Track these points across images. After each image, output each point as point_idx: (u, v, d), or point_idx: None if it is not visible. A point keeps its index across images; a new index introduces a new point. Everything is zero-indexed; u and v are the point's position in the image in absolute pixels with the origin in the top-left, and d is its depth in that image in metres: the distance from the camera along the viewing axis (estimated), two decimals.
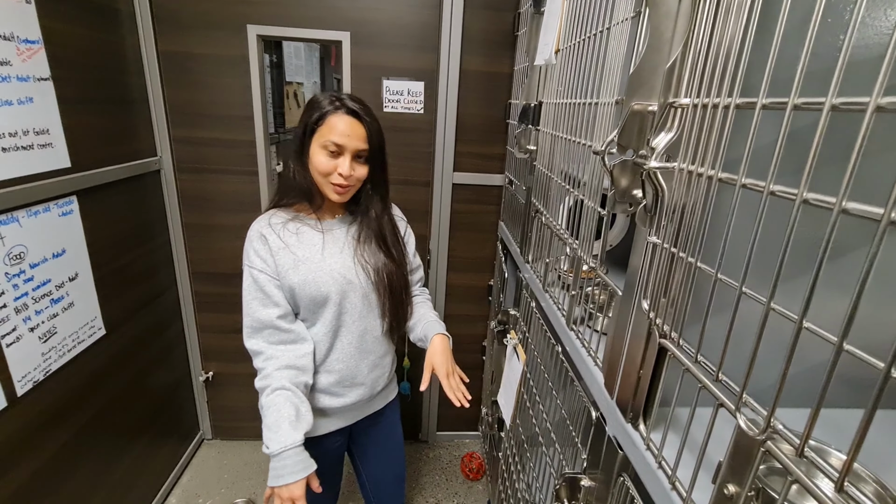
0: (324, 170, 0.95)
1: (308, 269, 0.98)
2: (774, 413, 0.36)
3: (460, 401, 1.05)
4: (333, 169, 0.95)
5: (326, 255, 1.01)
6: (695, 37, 0.47)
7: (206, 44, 1.54)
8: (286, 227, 1.00)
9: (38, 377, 1.15)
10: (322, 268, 0.99)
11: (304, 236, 1.00)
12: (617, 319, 0.69)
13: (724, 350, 0.42)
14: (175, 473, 1.84)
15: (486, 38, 1.58)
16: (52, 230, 1.18)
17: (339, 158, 0.95)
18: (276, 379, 0.96)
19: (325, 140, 0.93)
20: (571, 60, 0.85)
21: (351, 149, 0.94)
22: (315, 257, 0.99)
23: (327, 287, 0.99)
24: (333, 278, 1.00)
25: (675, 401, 0.54)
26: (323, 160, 0.94)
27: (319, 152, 0.94)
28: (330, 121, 0.93)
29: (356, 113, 0.95)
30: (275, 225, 0.99)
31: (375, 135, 0.98)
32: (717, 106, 0.42)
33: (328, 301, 1.00)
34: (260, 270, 0.97)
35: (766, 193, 0.36)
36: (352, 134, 0.93)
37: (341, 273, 1.01)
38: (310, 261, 0.99)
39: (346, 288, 1.02)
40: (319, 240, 1.01)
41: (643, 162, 0.52)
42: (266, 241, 0.97)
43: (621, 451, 0.67)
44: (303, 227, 1.01)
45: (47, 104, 1.15)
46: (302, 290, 0.98)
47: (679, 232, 0.49)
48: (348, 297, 1.03)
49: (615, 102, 0.63)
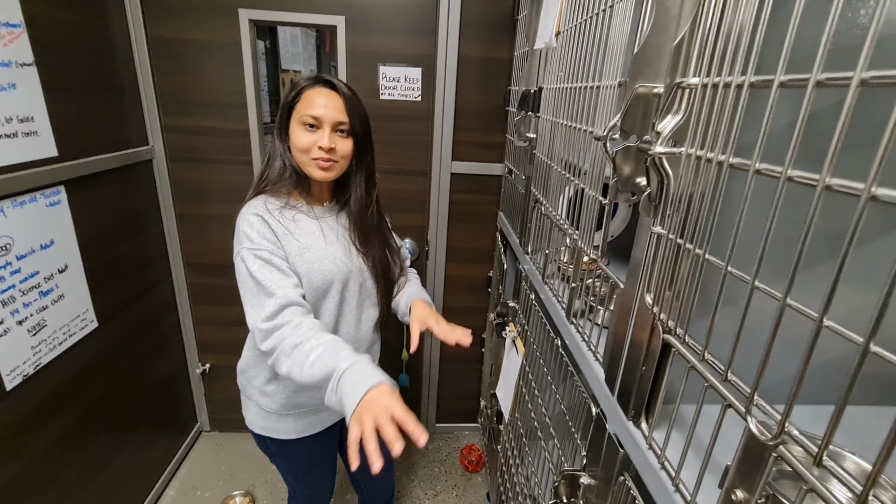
0: (303, 145, 0.91)
1: (314, 256, 0.94)
2: (789, 416, 0.33)
3: (460, 341, 0.99)
4: (313, 144, 0.91)
5: (328, 242, 0.98)
6: (705, 11, 0.44)
7: (198, 29, 1.50)
8: (283, 214, 0.94)
9: (28, 371, 1.13)
10: (326, 255, 0.96)
11: (302, 224, 0.96)
12: (618, 313, 0.67)
13: (735, 348, 0.39)
14: (173, 465, 1.83)
15: (486, 23, 1.54)
16: (39, 221, 1.15)
17: (318, 132, 0.91)
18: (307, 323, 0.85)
19: (302, 115, 0.90)
20: (573, 43, 0.81)
21: (329, 120, 0.90)
22: (318, 244, 0.96)
23: (332, 275, 0.96)
24: (337, 266, 0.97)
25: (679, 399, 0.51)
26: (302, 136, 0.91)
27: (298, 129, 0.91)
28: (306, 95, 0.91)
29: (331, 83, 0.92)
30: (272, 210, 0.93)
31: (355, 108, 0.94)
32: (730, 85, 0.39)
33: (331, 289, 0.98)
34: (270, 252, 0.89)
35: (783, 179, 0.33)
36: (328, 105, 0.90)
37: (342, 260, 0.99)
38: (314, 248, 0.95)
39: (348, 276, 1.00)
40: (317, 227, 0.98)
41: (648, 147, 0.49)
42: (268, 224, 0.91)
43: (622, 450, 0.64)
44: (298, 214, 0.97)
45: (31, 91, 1.11)
46: (307, 277, 0.93)
47: (686, 222, 0.46)
48: (348, 285, 1.01)
49: (618, 85, 0.60)
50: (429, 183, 1.72)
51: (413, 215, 1.75)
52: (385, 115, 1.61)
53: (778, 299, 0.34)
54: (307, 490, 1.21)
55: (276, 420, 1.05)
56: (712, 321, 0.42)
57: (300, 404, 1.05)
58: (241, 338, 1.89)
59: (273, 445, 1.09)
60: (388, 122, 1.62)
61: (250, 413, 1.09)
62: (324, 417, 1.10)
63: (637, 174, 0.59)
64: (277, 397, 1.03)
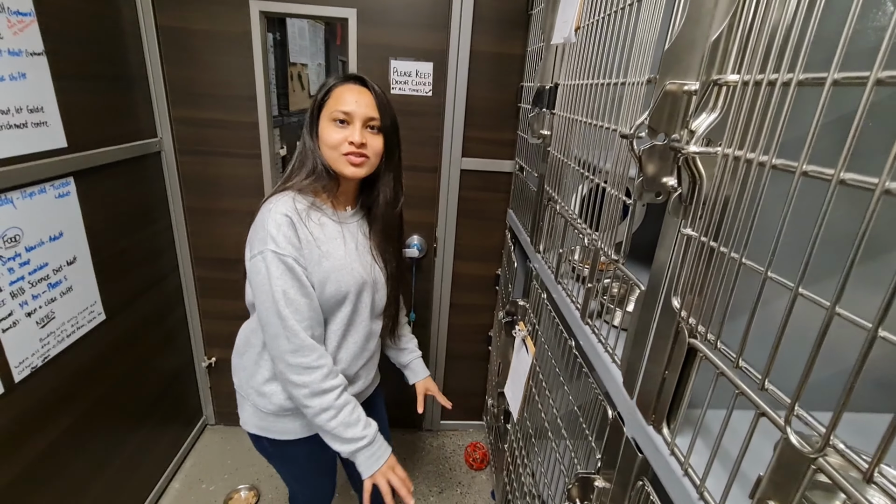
0: (333, 142, 0.91)
1: (332, 265, 0.92)
2: (835, 429, 0.32)
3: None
4: (343, 139, 0.90)
5: (348, 251, 0.96)
6: (746, 5, 0.42)
7: (207, 19, 1.48)
8: (310, 217, 0.92)
9: (37, 363, 1.12)
10: (345, 265, 0.94)
11: (327, 229, 0.94)
12: (639, 316, 0.65)
13: (773, 356, 0.38)
14: (178, 458, 1.83)
15: (499, 17, 1.51)
16: (48, 212, 1.14)
17: (349, 128, 0.91)
18: (340, 378, 0.95)
19: (333, 111, 0.91)
20: (594, 38, 0.80)
21: (360, 116, 0.91)
22: (338, 252, 0.94)
23: (347, 286, 0.94)
24: (353, 277, 0.95)
25: (706, 406, 0.50)
26: (332, 132, 0.91)
27: (328, 126, 0.91)
28: (336, 92, 0.92)
29: (362, 80, 0.94)
30: (301, 212, 0.90)
31: (385, 105, 0.95)
32: (774, 83, 0.37)
33: (346, 299, 0.96)
34: (295, 259, 0.87)
35: (835, 182, 0.32)
36: (359, 101, 0.91)
37: (359, 271, 0.97)
38: (333, 256, 0.93)
39: (361, 287, 0.98)
40: (339, 233, 0.96)
41: (680, 147, 0.47)
42: (296, 228, 0.88)
43: (641, 454, 0.63)
44: (324, 217, 0.95)
45: (41, 80, 1.10)
46: (321, 287, 0.91)
47: (721, 224, 0.44)
48: (362, 296, 0.99)
49: (646, 82, 0.58)
50: (438, 179, 1.70)
51: (422, 212, 1.74)
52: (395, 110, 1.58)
53: (825, 307, 0.32)
54: (308, 492, 1.20)
55: (273, 420, 1.01)
56: (748, 328, 0.41)
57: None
58: None
59: (270, 446, 1.05)
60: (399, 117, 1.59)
61: (246, 413, 1.05)
62: None
63: (663, 174, 0.58)
64: (275, 398, 0.99)
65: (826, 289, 0.38)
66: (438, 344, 1.95)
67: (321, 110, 0.93)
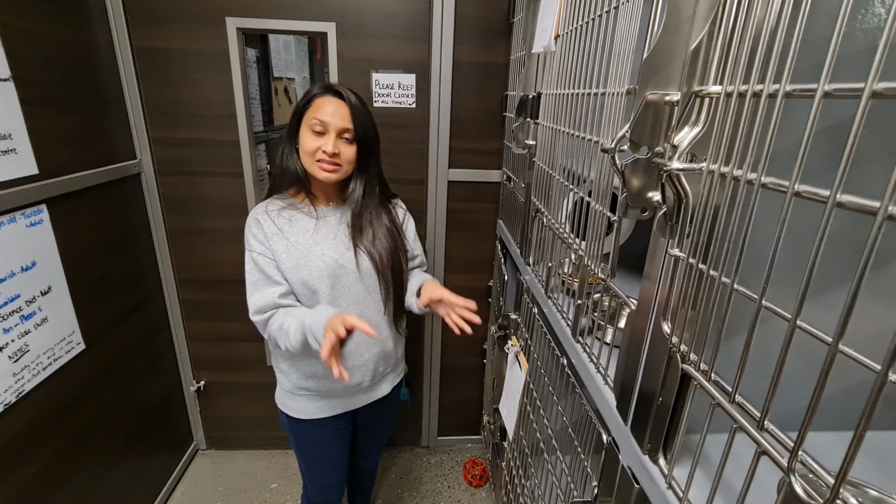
0: (309, 149, 0.99)
1: (299, 253, 1.03)
2: (845, 478, 0.29)
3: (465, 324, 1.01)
4: (318, 147, 0.98)
5: (318, 240, 1.05)
6: (725, 11, 0.39)
7: (184, 38, 1.45)
8: (281, 214, 1.05)
9: (10, 399, 1.08)
10: (313, 252, 1.03)
11: (298, 223, 1.05)
12: (630, 336, 0.62)
13: (772, 394, 0.34)
14: (168, 487, 1.78)
15: (480, 27, 1.49)
16: (19, 242, 1.10)
17: (324, 138, 0.98)
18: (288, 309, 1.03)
19: (311, 120, 0.98)
20: (574, 46, 0.77)
21: (335, 126, 0.98)
22: (306, 242, 1.04)
23: (318, 271, 1.03)
24: (324, 262, 1.03)
25: (703, 436, 0.46)
26: (309, 140, 0.99)
27: (307, 133, 0.99)
28: (316, 102, 0.99)
29: (339, 93, 1.00)
30: (271, 211, 1.04)
31: (360, 116, 1.01)
32: (760, 95, 0.34)
33: (320, 285, 1.04)
34: (259, 253, 1.02)
35: (831, 205, 0.28)
36: (335, 112, 0.98)
37: (332, 258, 1.04)
38: (300, 245, 1.03)
39: (338, 272, 1.05)
40: (312, 226, 1.06)
41: (663, 163, 0.44)
42: (261, 225, 1.03)
43: (638, 485, 0.60)
44: (297, 213, 1.06)
45: (9, 106, 1.07)
46: (294, 274, 1.03)
47: (710, 244, 0.41)
48: (340, 281, 1.06)
49: (626, 92, 0.55)
50: (425, 191, 1.67)
51: None
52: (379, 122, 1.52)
53: (828, 343, 0.29)
54: (316, 479, 1.26)
55: (290, 398, 1.14)
56: (743, 359, 0.37)
57: (309, 388, 1.12)
58: (236, 353, 1.86)
59: (288, 422, 1.18)
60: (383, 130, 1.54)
61: (277, 389, 1.19)
62: (333, 404, 1.15)
63: (648, 188, 0.55)
64: (291, 376, 1.12)
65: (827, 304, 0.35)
66: (432, 359, 1.91)
67: (301, 118, 1.00)
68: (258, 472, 1.92)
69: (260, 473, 1.92)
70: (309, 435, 1.18)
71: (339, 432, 1.20)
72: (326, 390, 1.12)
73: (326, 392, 1.13)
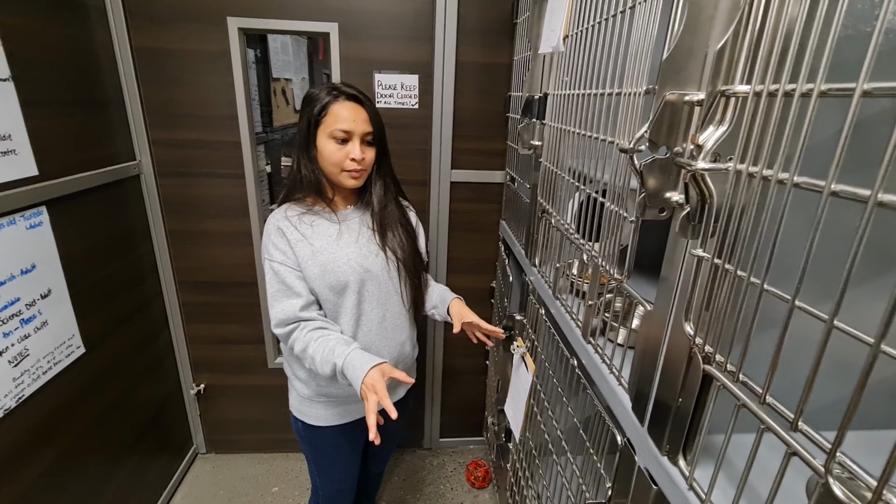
0: (336, 159, 0.97)
1: (326, 258, 1.00)
2: (888, 480, 0.28)
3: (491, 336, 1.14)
4: (345, 156, 0.97)
5: (342, 244, 1.03)
6: (753, 11, 0.39)
7: (184, 38, 1.44)
8: (302, 220, 1.02)
9: (10, 405, 1.06)
10: (339, 256, 1.01)
11: (320, 228, 1.03)
12: (646, 337, 0.62)
13: (807, 393, 0.34)
14: (168, 491, 1.76)
15: (483, 27, 1.49)
16: (18, 245, 1.08)
17: (349, 145, 0.97)
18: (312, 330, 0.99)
19: (333, 129, 0.96)
20: (585, 46, 0.77)
21: (358, 133, 0.97)
22: (331, 247, 1.02)
23: (345, 276, 1.01)
24: (351, 267, 1.02)
25: (727, 439, 0.46)
26: (333, 150, 0.97)
27: (328, 143, 0.97)
28: (333, 109, 0.96)
29: (356, 97, 0.98)
30: (291, 217, 1.01)
31: (376, 116, 1.02)
32: (791, 94, 0.34)
33: (347, 289, 1.02)
34: (280, 263, 0.99)
35: (872, 204, 0.28)
36: (356, 118, 0.97)
37: (358, 261, 1.03)
38: (326, 250, 1.01)
39: (364, 276, 1.04)
40: (335, 230, 1.04)
41: (688, 162, 0.44)
42: (283, 233, 0.99)
43: (656, 486, 0.59)
44: (318, 219, 1.04)
45: (8, 107, 1.05)
46: (321, 280, 1.00)
47: (734, 245, 0.41)
48: (366, 284, 1.05)
49: (644, 92, 0.55)
50: (428, 192, 1.67)
51: None
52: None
53: (869, 344, 0.29)
54: (329, 486, 1.25)
55: (309, 405, 1.12)
56: (774, 361, 0.37)
57: (329, 394, 1.10)
58: (237, 355, 1.84)
59: (303, 429, 1.16)
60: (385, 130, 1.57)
61: (292, 396, 1.17)
62: (351, 409, 1.14)
63: (666, 189, 0.55)
64: (310, 384, 1.10)
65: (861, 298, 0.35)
66: (435, 360, 1.90)
67: (318, 127, 0.97)
68: (259, 476, 1.91)
69: (261, 477, 1.90)
70: (326, 442, 1.17)
71: (355, 438, 1.19)
72: (346, 395, 1.11)
73: (346, 398, 1.12)
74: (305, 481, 1.88)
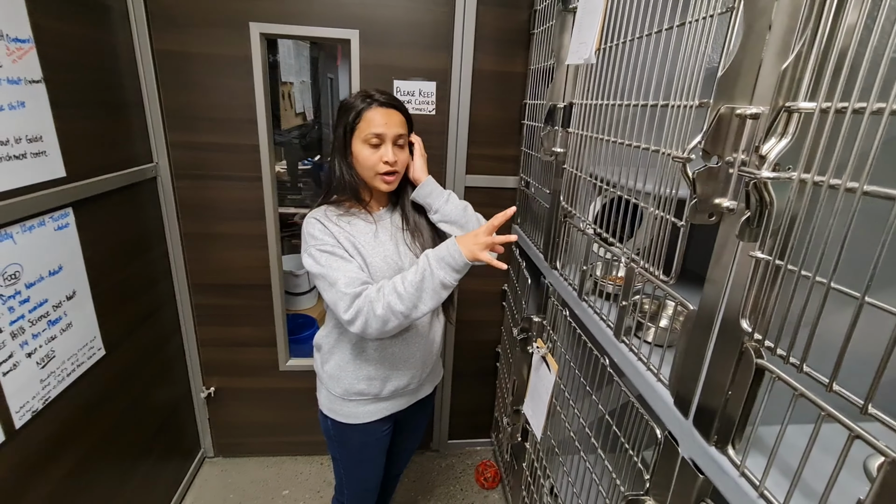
0: (369, 163, 1.01)
1: (366, 252, 1.03)
2: None
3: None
4: (378, 159, 1.00)
5: (379, 243, 1.06)
6: (820, 31, 0.43)
7: (206, 43, 1.45)
8: (341, 219, 1.05)
9: (37, 406, 1.06)
10: (377, 253, 1.04)
11: (357, 227, 1.05)
12: (690, 336, 0.65)
13: (877, 382, 0.38)
14: (178, 496, 1.75)
15: (500, 37, 1.53)
16: (47, 246, 1.08)
17: (381, 148, 1.01)
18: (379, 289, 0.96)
19: (366, 134, 0.99)
20: (621, 59, 0.81)
21: (391, 136, 1.00)
22: (370, 243, 1.05)
23: (382, 272, 1.03)
24: (388, 263, 1.05)
25: (783, 428, 0.50)
26: (367, 154, 1.00)
27: (362, 147, 1.00)
28: (367, 115, 0.99)
29: (389, 103, 1.02)
30: (331, 216, 1.04)
31: (409, 119, 1.06)
32: (862, 112, 0.38)
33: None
34: (330, 245, 0.98)
35: None
36: (389, 122, 1.00)
37: (393, 258, 1.06)
38: (366, 246, 1.04)
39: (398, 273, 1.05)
40: (371, 231, 1.07)
41: (752, 172, 0.48)
42: (325, 227, 1.01)
43: (702, 475, 0.63)
44: (354, 219, 1.06)
45: (40, 108, 1.06)
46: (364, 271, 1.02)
47: (797, 247, 0.45)
48: None
49: (697, 105, 0.59)
50: None
51: None
52: None
53: None
54: (355, 486, 1.26)
55: (340, 404, 1.14)
56: (841, 353, 0.41)
57: (362, 391, 1.12)
58: (247, 358, 1.84)
59: (333, 428, 1.18)
60: None
61: (322, 395, 1.19)
62: (381, 408, 1.16)
63: (716, 195, 0.59)
64: (342, 382, 1.12)
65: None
66: (444, 363, 1.93)
67: (353, 133, 1.01)
68: (269, 479, 1.90)
69: (271, 480, 1.90)
70: (356, 440, 1.18)
71: (384, 437, 1.21)
72: (377, 392, 1.12)
73: (377, 395, 1.13)
74: (315, 484, 1.88)
